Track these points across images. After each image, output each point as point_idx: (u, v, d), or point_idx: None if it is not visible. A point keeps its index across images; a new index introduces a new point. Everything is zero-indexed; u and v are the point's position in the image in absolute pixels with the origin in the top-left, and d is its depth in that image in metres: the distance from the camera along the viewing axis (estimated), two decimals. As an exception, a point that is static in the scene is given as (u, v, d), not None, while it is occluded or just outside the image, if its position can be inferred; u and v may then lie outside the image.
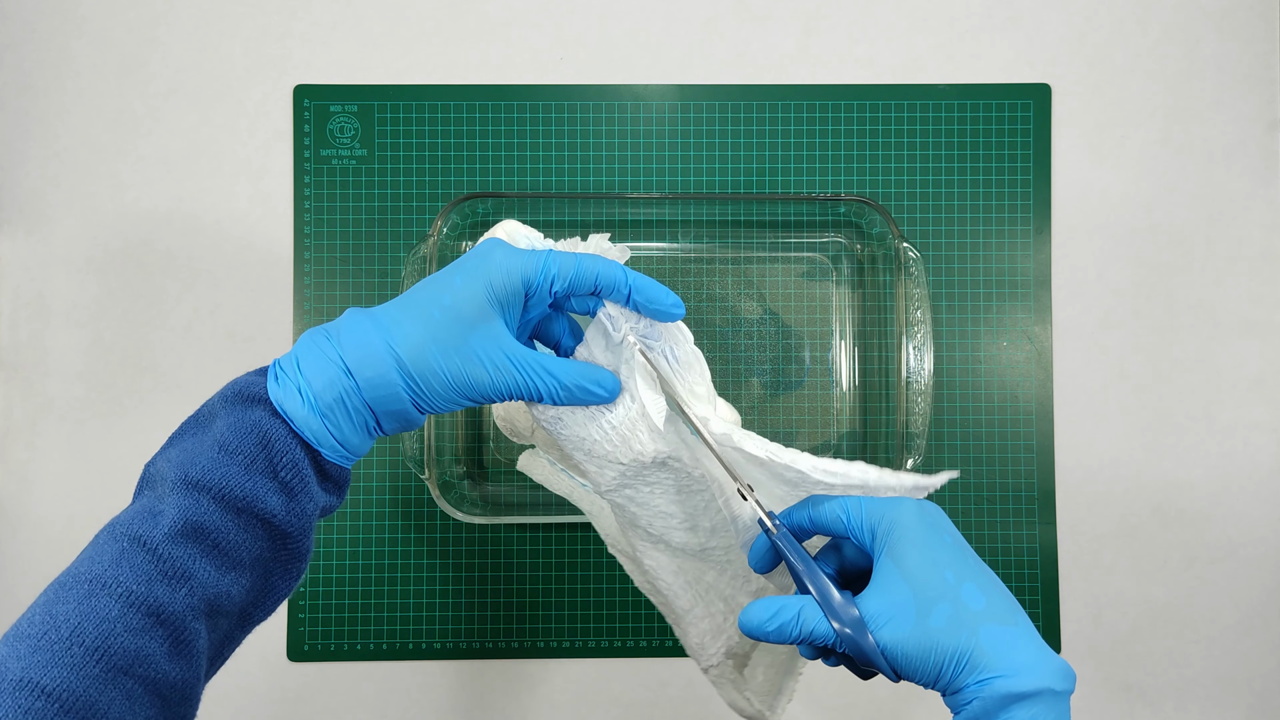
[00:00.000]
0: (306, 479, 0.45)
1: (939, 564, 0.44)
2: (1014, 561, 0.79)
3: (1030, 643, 0.42)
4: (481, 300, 0.46)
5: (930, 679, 0.42)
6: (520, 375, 0.47)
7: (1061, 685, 0.41)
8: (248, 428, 0.44)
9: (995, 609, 0.43)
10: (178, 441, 0.46)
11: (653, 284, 0.49)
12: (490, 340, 0.46)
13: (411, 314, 0.46)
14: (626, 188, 0.80)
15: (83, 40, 0.80)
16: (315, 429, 0.45)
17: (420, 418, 0.48)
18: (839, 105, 0.81)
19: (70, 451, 0.78)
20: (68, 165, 0.79)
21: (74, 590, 0.41)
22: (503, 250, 0.48)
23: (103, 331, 0.79)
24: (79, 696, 0.38)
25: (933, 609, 0.43)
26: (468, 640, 0.78)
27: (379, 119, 0.80)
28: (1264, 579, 0.80)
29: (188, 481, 0.43)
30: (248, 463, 0.44)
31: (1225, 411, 0.80)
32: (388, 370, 0.45)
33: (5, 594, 0.78)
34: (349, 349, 0.45)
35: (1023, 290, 0.80)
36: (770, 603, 0.45)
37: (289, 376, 0.45)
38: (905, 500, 0.46)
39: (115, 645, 0.39)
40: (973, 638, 0.42)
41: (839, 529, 0.47)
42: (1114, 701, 0.79)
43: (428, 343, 0.46)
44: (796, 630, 0.45)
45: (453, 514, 0.71)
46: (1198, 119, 0.81)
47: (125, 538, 0.42)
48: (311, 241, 0.79)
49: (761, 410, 0.79)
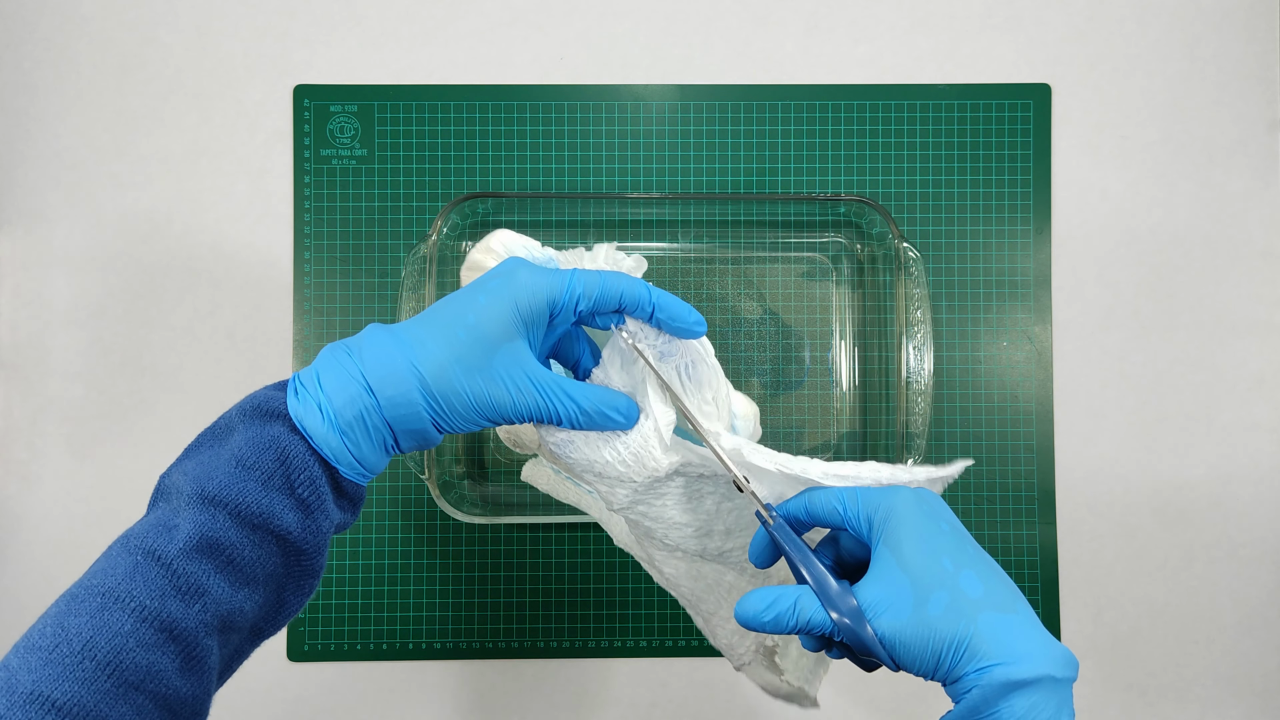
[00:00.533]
0: (323, 497, 0.45)
1: (937, 551, 0.43)
2: (1014, 561, 0.79)
3: (1031, 630, 0.42)
4: (507, 321, 0.46)
5: (929, 668, 0.42)
6: (541, 398, 0.47)
7: (1062, 672, 0.41)
8: (266, 443, 0.44)
9: (994, 596, 0.42)
10: (194, 454, 0.46)
11: (676, 301, 0.49)
12: (514, 362, 0.46)
13: (435, 333, 0.46)
14: (626, 188, 0.80)
15: (83, 40, 0.80)
16: (334, 447, 0.45)
17: (438, 437, 0.47)
18: (839, 105, 0.81)
19: (70, 451, 0.78)
20: (68, 165, 0.79)
21: (87, 603, 0.40)
22: (527, 270, 0.48)
23: (103, 331, 0.79)
24: (89, 711, 0.38)
25: (930, 597, 0.42)
26: (468, 640, 0.78)
27: (379, 119, 0.80)
28: (1264, 579, 0.80)
29: (204, 496, 0.43)
30: (265, 479, 0.43)
31: (1225, 411, 0.80)
32: (410, 389, 0.45)
33: (5, 594, 0.78)
34: (371, 366, 0.45)
35: (1023, 290, 0.80)
36: (766, 593, 0.45)
37: (309, 392, 0.45)
38: (902, 489, 0.46)
39: (127, 660, 0.39)
40: (971, 625, 0.41)
41: (835, 520, 0.47)
42: (1114, 701, 0.79)
43: (451, 362, 0.45)
44: (793, 620, 0.44)
45: (453, 514, 0.71)
46: (1198, 119, 0.81)
47: (139, 551, 0.42)
48: (311, 241, 0.79)
49: (761, 410, 0.79)
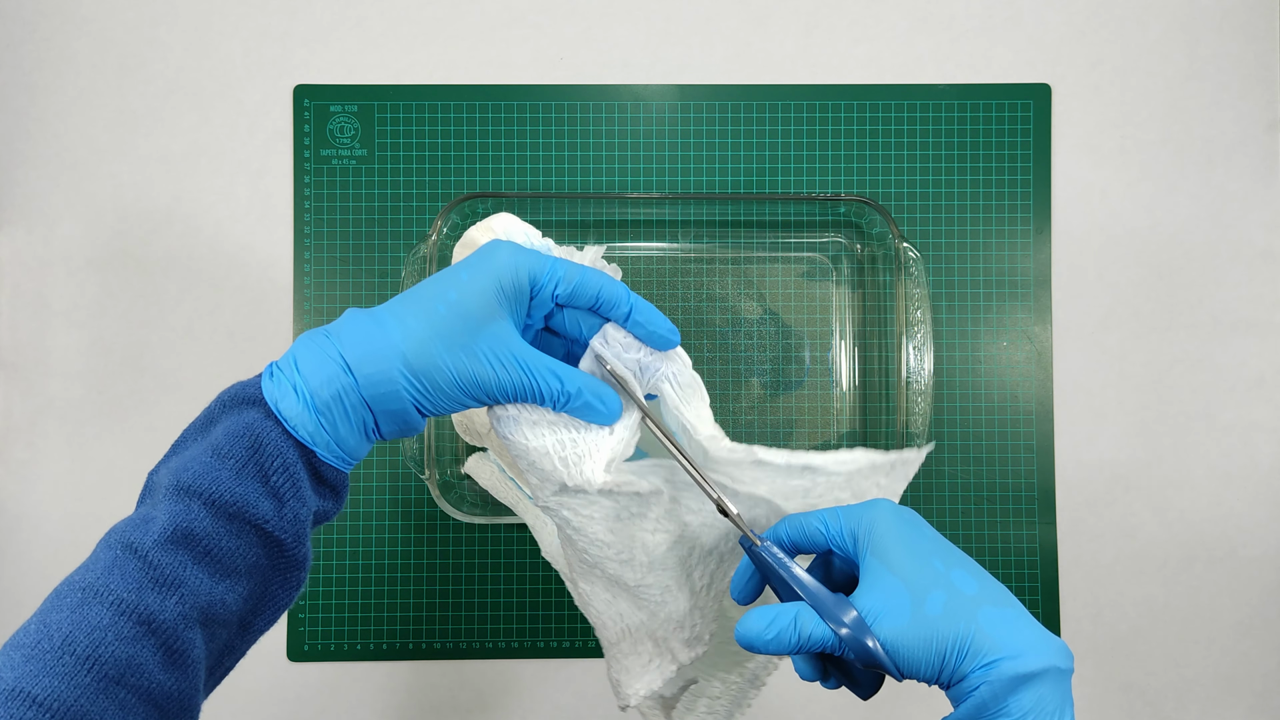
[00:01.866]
0: (299, 482, 0.44)
1: (925, 554, 0.43)
2: (1014, 561, 0.79)
3: (1028, 623, 0.42)
4: (490, 296, 0.46)
5: (934, 670, 0.42)
6: (526, 376, 0.46)
7: (1065, 664, 0.41)
8: (240, 431, 0.43)
9: (989, 592, 0.43)
10: (179, 449, 0.45)
11: (652, 308, 0.49)
12: (497, 338, 0.46)
13: (414, 310, 0.45)
14: (626, 188, 0.80)
15: (83, 40, 0.80)
16: (310, 427, 0.44)
17: (420, 421, 0.47)
18: (839, 105, 0.81)
19: (70, 451, 0.78)
20: (68, 165, 0.79)
21: (68, 598, 0.40)
22: (509, 247, 0.47)
23: (103, 331, 0.79)
24: (70, 706, 0.38)
25: (927, 597, 0.42)
26: (468, 640, 0.78)
27: (379, 119, 0.80)
28: (1264, 579, 0.80)
29: (180, 487, 0.43)
30: (239, 467, 0.43)
31: (1225, 411, 0.80)
32: (389, 366, 0.44)
33: (4, 594, 0.78)
34: (349, 345, 0.45)
35: (1023, 290, 0.80)
36: (765, 612, 0.44)
37: (285, 375, 0.45)
38: (881, 502, 0.46)
39: (106, 654, 0.39)
40: (972, 622, 0.41)
41: (820, 541, 0.46)
42: (1114, 701, 0.79)
43: (432, 338, 0.45)
44: (794, 637, 0.43)
45: (453, 514, 0.71)
46: (1198, 119, 0.81)
47: (119, 545, 0.42)
48: (311, 241, 0.79)
49: (761, 410, 0.79)
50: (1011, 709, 0.40)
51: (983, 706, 0.40)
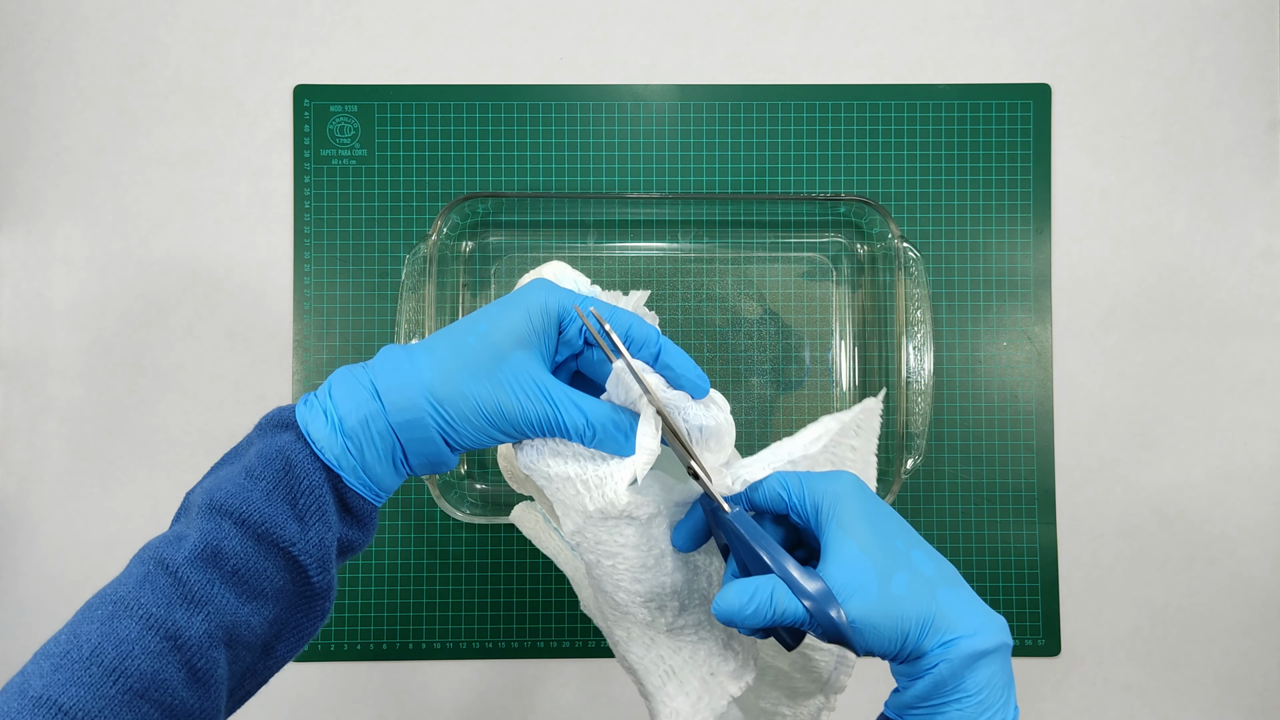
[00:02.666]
0: (324, 505, 0.45)
1: (889, 533, 0.45)
2: (1014, 561, 0.79)
3: (977, 603, 0.44)
4: (518, 328, 0.47)
5: (895, 647, 0.43)
6: (550, 407, 0.46)
7: (1011, 640, 0.44)
8: (273, 453, 0.45)
9: (943, 573, 0.45)
10: (215, 470, 0.47)
11: (683, 354, 0.49)
12: (523, 369, 0.46)
13: (445, 342, 0.47)
14: (626, 188, 0.80)
15: (83, 40, 0.80)
16: (336, 450, 0.45)
17: (449, 455, 0.47)
18: (839, 105, 0.81)
19: (70, 451, 0.78)
20: (68, 165, 0.79)
21: (99, 610, 0.41)
22: (543, 284, 0.48)
23: (103, 331, 0.79)
24: (94, 716, 0.38)
25: (892, 576, 0.43)
26: (468, 640, 0.78)
27: (379, 119, 0.80)
28: (1264, 579, 0.80)
29: (212, 506, 0.44)
30: (269, 489, 0.44)
31: (1225, 411, 0.80)
32: (416, 394, 0.45)
33: (5, 593, 0.78)
34: (380, 375, 0.46)
35: (1023, 290, 0.80)
36: (744, 585, 0.45)
37: (318, 401, 0.46)
38: (843, 474, 0.47)
39: (132, 667, 0.40)
40: (932, 602, 0.43)
41: (779, 505, 0.47)
42: (1114, 701, 0.79)
43: (458, 367, 0.46)
44: (770, 611, 0.44)
45: (453, 514, 0.71)
46: (1198, 119, 0.81)
47: (151, 560, 0.43)
48: (311, 241, 0.79)
49: (761, 410, 0.79)
50: (968, 685, 0.42)
51: (941, 683, 0.42)
